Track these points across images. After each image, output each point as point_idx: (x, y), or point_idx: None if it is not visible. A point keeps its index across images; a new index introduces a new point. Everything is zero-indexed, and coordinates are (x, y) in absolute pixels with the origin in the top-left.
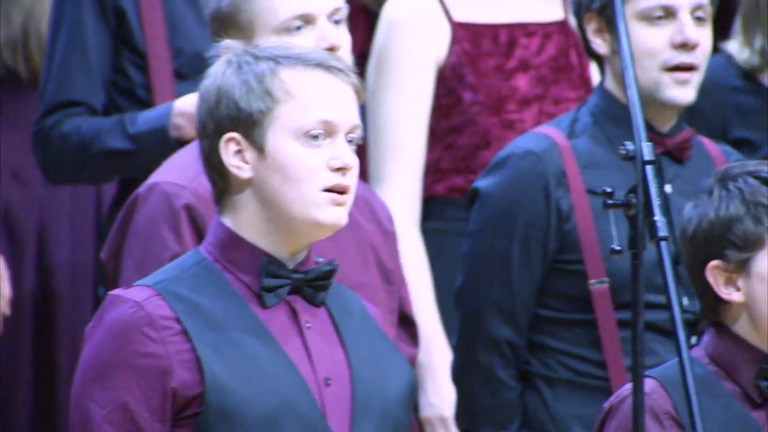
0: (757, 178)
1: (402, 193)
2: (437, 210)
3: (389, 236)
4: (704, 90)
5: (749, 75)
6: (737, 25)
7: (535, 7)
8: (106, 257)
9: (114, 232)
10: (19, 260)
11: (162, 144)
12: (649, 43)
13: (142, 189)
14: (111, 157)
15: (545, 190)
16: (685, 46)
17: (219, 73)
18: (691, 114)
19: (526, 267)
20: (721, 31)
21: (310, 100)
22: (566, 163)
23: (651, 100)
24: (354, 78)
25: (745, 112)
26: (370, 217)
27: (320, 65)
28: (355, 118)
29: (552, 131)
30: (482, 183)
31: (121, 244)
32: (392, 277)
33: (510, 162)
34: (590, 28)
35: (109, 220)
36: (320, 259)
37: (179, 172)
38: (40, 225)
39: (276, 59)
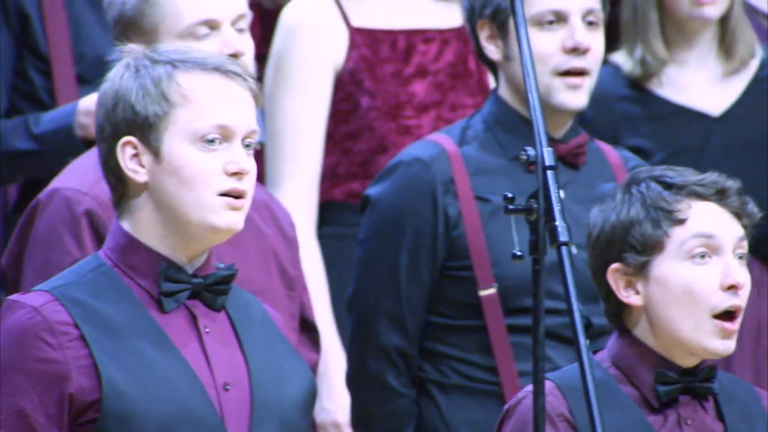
0: (660, 182)
1: (299, 197)
2: (335, 215)
3: (291, 242)
4: (594, 100)
5: (637, 84)
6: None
7: (433, 13)
8: (6, 263)
9: (15, 237)
10: None
11: (67, 143)
12: (540, 47)
13: (42, 195)
14: (16, 158)
15: (433, 197)
16: (576, 51)
17: (117, 77)
18: (582, 124)
19: (415, 274)
20: (609, 41)
21: (206, 105)
22: (455, 170)
23: (544, 105)
24: (252, 83)
25: (634, 120)
26: (271, 223)
27: (217, 69)
28: (252, 123)
29: (442, 138)
30: (372, 190)
31: (22, 250)
32: (294, 283)
33: (398, 169)
34: (483, 35)
35: (10, 224)
36: (221, 264)
37: (80, 178)
38: None
39: (173, 63)
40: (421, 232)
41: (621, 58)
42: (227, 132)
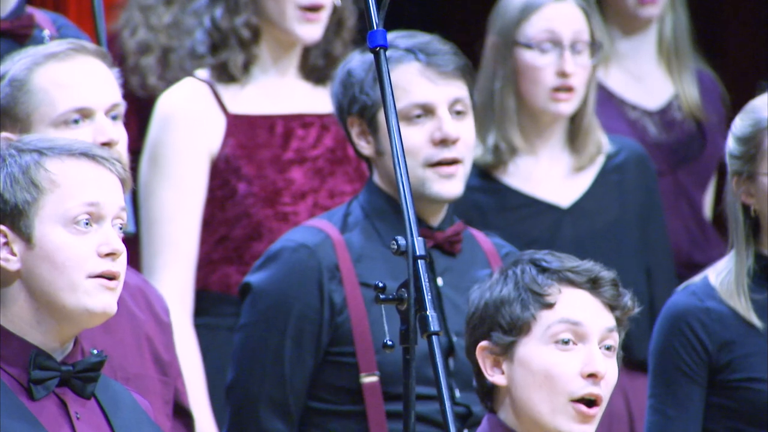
0: (537, 265)
1: (174, 286)
2: (210, 305)
3: (165, 327)
4: None
5: (486, 173)
6: None
7: (312, 98)
8: None
9: None
10: None
11: None
12: (410, 141)
13: None
14: None
15: (319, 283)
16: (445, 142)
17: None
18: None
19: (299, 360)
20: None
21: (75, 187)
22: (339, 257)
23: (419, 196)
24: (119, 167)
25: (485, 211)
26: (145, 307)
27: (85, 154)
28: (121, 202)
29: (325, 225)
30: (254, 277)
31: None
32: (168, 368)
33: (283, 255)
34: (354, 131)
35: None
36: (95, 351)
37: None
38: None
39: (40, 151)
40: (306, 318)
41: None
42: (97, 212)
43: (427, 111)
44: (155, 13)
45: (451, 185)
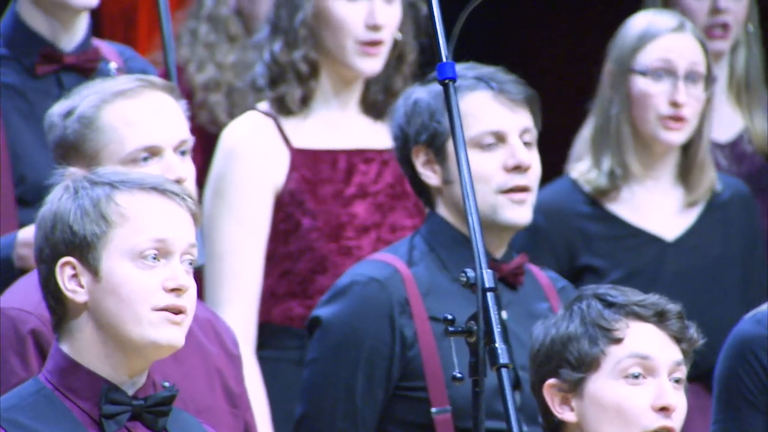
0: (602, 300)
1: (238, 319)
2: (273, 338)
3: (234, 360)
4: (551, 216)
5: (595, 201)
6: (579, 148)
7: (373, 133)
8: None
9: None
10: None
11: (6, 275)
12: (482, 168)
13: None
14: None
15: (390, 317)
16: (519, 169)
17: (56, 199)
18: (538, 240)
19: (370, 394)
20: None
21: (144, 222)
22: (409, 291)
23: (489, 224)
24: (190, 202)
25: (591, 238)
26: (215, 340)
27: (155, 189)
28: (191, 239)
29: (392, 258)
30: (323, 311)
31: None
32: (238, 401)
33: (353, 289)
34: (419, 161)
35: None
36: (167, 384)
37: (24, 297)
38: None
39: (112, 184)
40: (377, 353)
41: (579, 173)
42: (165, 247)
43: (499, 138)
44: (220, 51)
45: (523, 212)
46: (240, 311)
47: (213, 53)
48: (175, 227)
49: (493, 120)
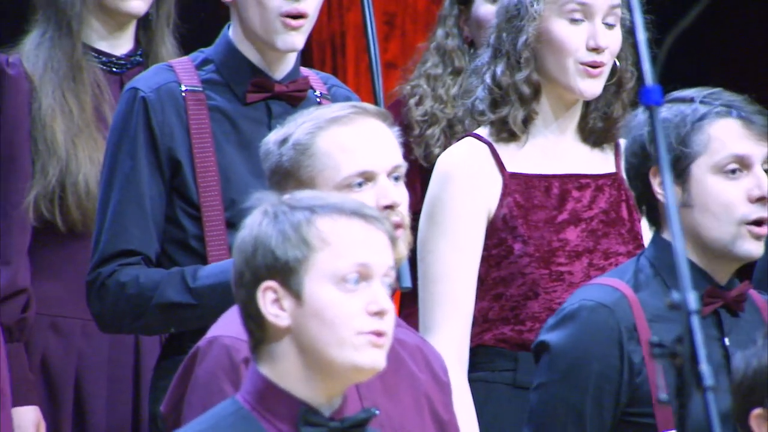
0: None
1: (452, 343)
2: (485, 360)
3: (444, 387)
4: None
5: None
6: None
7: (587, 158)
8: (166, 410)
9: (174, 385)
10: (57, 410)
11: (224, 299)
12: (727, 196)
13: (202, 343)
14: (170, 309)
15: (618, 343)
16: (763, 200)
17: (255, 224)
18: None
19: (599, 419)
20: None
21: (345, 246)
22: (636, 316)
23: (724, 253)
24: (388, 226)
25: None
26: (424, 367)
27: (355, 213)
28: (390, 261)
29: (618, 283)
30: (551, 336)
31: (182, 398)
32: (447, 428)
33: (581, 314)
34: (657, 181)
35: (158, 371)
36: (376, 411)
37: (238, 326)
38: (78, 375)
39: (312, 208)
40: (606, 378)
41: None
42: (366, 271)
43: (744, 166)
44: (442, 84)
45: (760, 246)
46: (453, 335)
47: (435, 87)
48: (376, 251)
49: (741, 147)
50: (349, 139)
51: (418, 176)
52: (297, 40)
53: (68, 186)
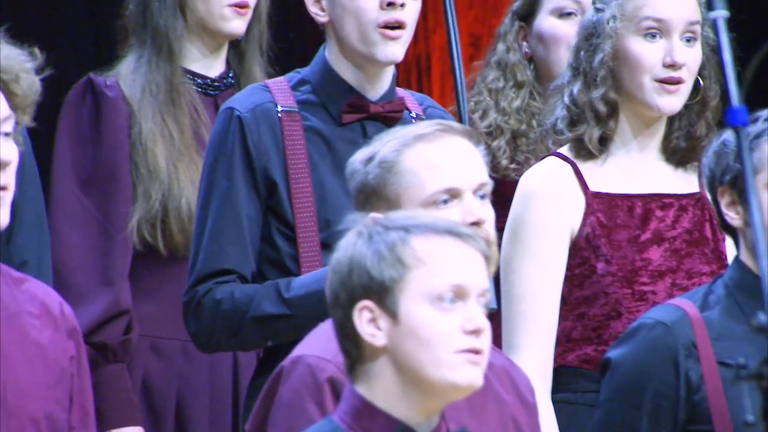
0: None
1: (536, 363)
2: (568, 381)
3: (530, 408)
4: None
5: None
6: None
7: (670, 178)
8: (251, 429)
9: (259, 404)
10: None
11: (319, 307)
12: None
13: (286, 362)
14: (265, 321)
15: (674, 360)
16: None
17: (350, 245)
18: None
19: None
20: None
21: (441, 265)
22: (697, 335)
23: None
24: (483, 244)
25: None
26: (511, 388)
27: (449, 232)
28: (485, 282)
29: (684, 303)
30: (613, 353)
31: (266, 417)
32: None
33: (640, 332)
34: (723, 201)
35: (251, 391)
36: (467, 431)
37: (323, 345)
38: (179, 396)
39: (406, 228)
40: (661, 395)
41: None
42: (462, 291)
43: None
44: (505, 97)
45: None
46: (538, 354)
47: (498, 100)
48: (471, 271)
49: None
50: (435, 156)
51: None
52: (397, 50)
53: (171, 210)
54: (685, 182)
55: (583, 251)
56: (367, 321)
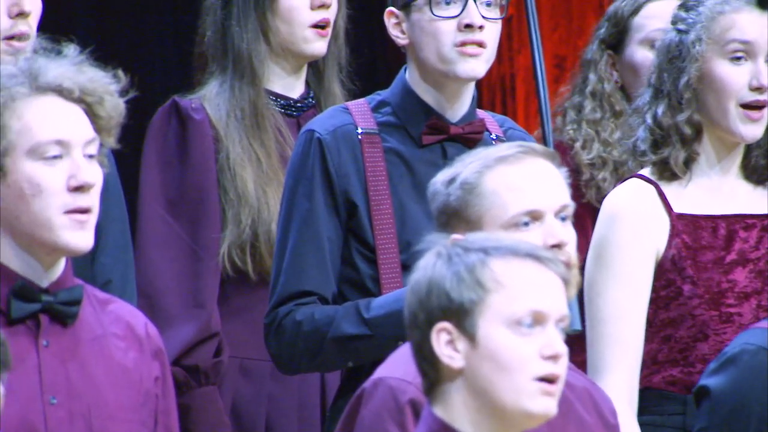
0: None
1: (622, 386)
2: (654, 403)
3: (612, 429)
4: None
5: None
6: None
7: (751, 198)
8: None
9: (340, 425)
10: None
11: (399, 328)
12: None
13: (367, 384)
14: (346, 342)
15: None
16: None
17: (429, 266)
18: None
19: None
20: None
21: (520, 289)
22: None
23: None
24: (563, 268)
25: None
26: (592, 410)
27: (530, 256)
28: (564, 308)
29: None
30: (711, 381)
31: None
32: None
33: (742, 358)
34: None
35: (333, 412)
36: None
37: (404, 368)
38: (268, 418)
39: (486, 250)
40: (766, 423)
41: None
42: (541, 316)
43: None
44: (604, 128)
45: None
46: (624, 377)
47: (598, 131)
48: (551, 296)
49: None
50: (517, 178)
51: (590, 218)
52: (477, 66)
53: (261, 235)
54: (765, 201)
55: (669, 273)
56: (445, 343)
